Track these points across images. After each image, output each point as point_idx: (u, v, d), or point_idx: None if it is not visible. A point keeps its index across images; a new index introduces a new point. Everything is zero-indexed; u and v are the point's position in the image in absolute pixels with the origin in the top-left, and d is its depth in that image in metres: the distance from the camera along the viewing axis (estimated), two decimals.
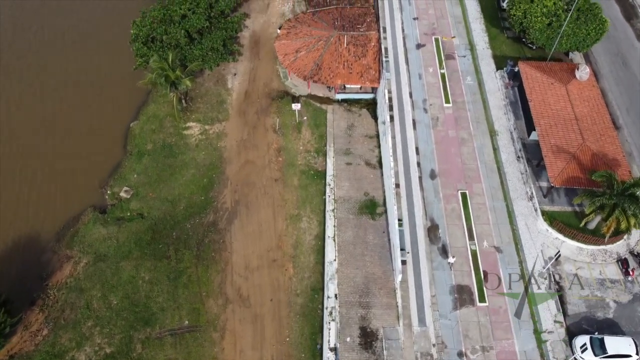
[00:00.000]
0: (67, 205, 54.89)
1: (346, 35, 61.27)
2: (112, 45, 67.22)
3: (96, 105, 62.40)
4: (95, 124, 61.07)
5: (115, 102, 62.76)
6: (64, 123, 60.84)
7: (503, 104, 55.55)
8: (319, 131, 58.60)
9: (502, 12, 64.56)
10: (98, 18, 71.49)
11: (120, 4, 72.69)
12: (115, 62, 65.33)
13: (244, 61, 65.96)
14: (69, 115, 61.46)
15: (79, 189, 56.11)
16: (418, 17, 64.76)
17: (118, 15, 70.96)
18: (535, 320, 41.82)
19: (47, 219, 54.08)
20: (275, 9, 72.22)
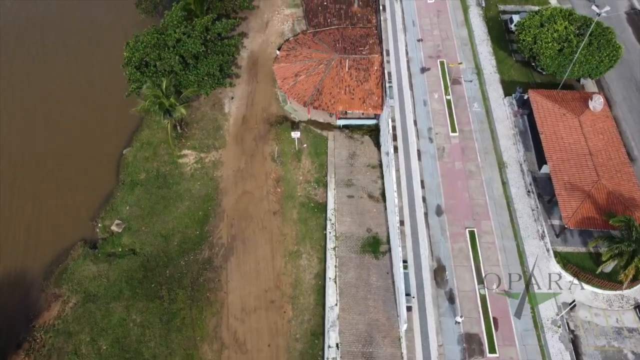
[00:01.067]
0: (57, 239, 52.52)
1: (348, 58, 58.84)
2: (104, 67, 64.83)
3: (88, 130, 60.01)
4: (87, 150, 58.68)
5: (108, 127, 60.38)
6: (54, 149, 58.46)
7: (512, 133, 53.10)
8: (320, 160, 56.16)
9: (509, 34, 62.10)
10: (90, 39, 69.09)
11: (115, 24, 70.33)
12: (109, 85, 62.94)
13: (242, 84, 63.54)
14: (59, 141, 59.08)
15: (69, 221, 53.74)
16: (422, 38, 62.30)
17: (111, 36, 68.63)
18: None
19: (36, 253, 51.73)
20: (275, 27, 69.79)
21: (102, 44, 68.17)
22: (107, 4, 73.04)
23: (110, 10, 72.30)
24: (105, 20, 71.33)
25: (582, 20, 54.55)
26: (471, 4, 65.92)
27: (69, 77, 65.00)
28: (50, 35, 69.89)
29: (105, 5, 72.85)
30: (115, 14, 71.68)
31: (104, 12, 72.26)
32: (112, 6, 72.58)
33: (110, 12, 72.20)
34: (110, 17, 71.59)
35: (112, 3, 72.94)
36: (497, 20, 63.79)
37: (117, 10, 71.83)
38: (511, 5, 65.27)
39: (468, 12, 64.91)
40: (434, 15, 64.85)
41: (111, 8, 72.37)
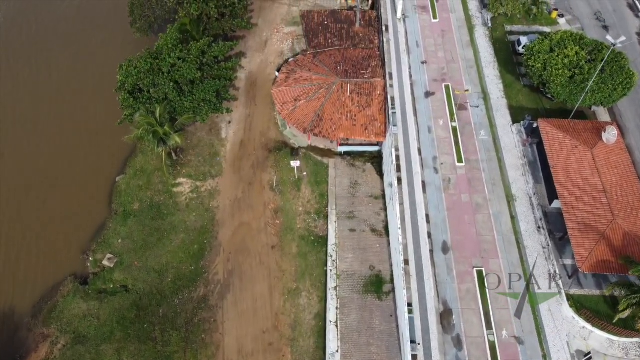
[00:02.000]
0: (46, 273, 50.56)
1: (349, 82, 56.73)
2: (97, 89, 62.71)
3: (80, 155, 57.97)
4: (79, 177, 56.66)
5: (101, 152, 58.29)
6: (44, 176, 56.39)
7: (521, 163, 50.90)
8: (320, 189, 54.04)
9: (517, 57, 59.87)
10: (82, 59, 66.97)
11: (108, 43, 68.17)
12: (101, 108, 60.88)
13: (240, 107, 61.39)
14: (50, 167, 57.04)
15: (59, 253, 51.74)
16: (427, 60, 60.05)
17: (104, 56, 66.48)
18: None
19: (24, 288, 49.78)
20: (274, 47, 67.61)
21: (94, 63, 66.01)
22: (100, 21, 70.91)
23: (104, 28, 70.15)
24: (98, 38, 69.18)
25: (593, 45, 52.33)
26: (477, 24, 63.70)
27: (60, 99, 62.84)
28: (40, 54, 67.71)
29: (99, 23, 70.71)
30: (109, 32, 69.51)
31: (97, 30, 70.12)
32: (106, 24, 70.44)
33: (104, 30, 70.05)
34: (104, 35, 69.45)
35: (106, 20, 70.83)
36: (504, 42, 61.54)
37: (111, 28, 69.66)
38: (518, 25, 63.05)
39: (474, 33, 62.70)
40: (438, 36, 62.64)
41: (105, 26, 70.24)
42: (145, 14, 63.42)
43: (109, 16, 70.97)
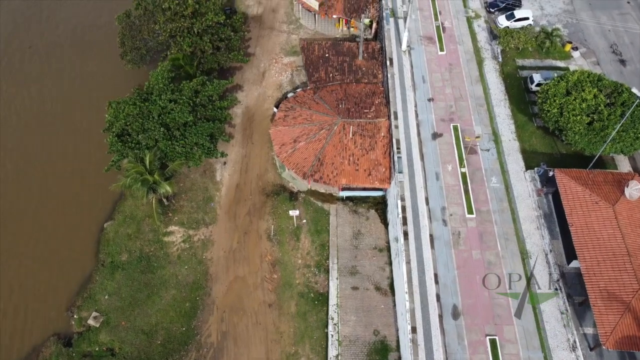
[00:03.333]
0: (27, 333, 47.24)
1: (352, 123, 53.45)
2: (85, 126, 59.56)
3: (66, 198, 54.73)
4: (65, 222, 53.42)
5: (89, 194, 55.02)
6: (27, 220, 53.09)
7: (535, 215, 47.57)
8: (321, 239, 50.75)
9: (529, 94, 56.54)
10: (70, 91, 63.73)
11: (98, 75, 64.92)
12: (90, 148, 57.59)
13: (236, 145, 58.09)
14: (34, 210, 53.77)
15: (41, 309, 48.54)
16: (434, 97, 56.71)
17: (94, 89, 63.35)
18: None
19: (0, 351, 46.34)
20: (272, 79, 64.32)
21: (83, 97, 62.77)
22: (90, 50, 67.61)
23: (94, 58, 66.85)
24: (87, 69, 65.91)
25: (612, 87, 49.02)
26: (486, 57, 60.35)
27: (46, 135, 59.56)
28: (26, 87, 64.39)
29: (89, 52, 67.41)
30: (99, 62, 66.22)
31: (86, 60, 66.86)
32: (95, 53, 67.15)
33: (94, 60, 66.77)
34: (94, 65, 66.15)
35: (96, 49, 67.51)
36: (516, 77, 58.19)
37: (101, 58, 66.37)
38: (530, 59, 59.72)
39: (483, 67, 59.35)
40: (445, 70, 59.29)
41: (95, 55, 66.94)
42: (136, 46, 60.12)
43: (100, 45, 67.64)
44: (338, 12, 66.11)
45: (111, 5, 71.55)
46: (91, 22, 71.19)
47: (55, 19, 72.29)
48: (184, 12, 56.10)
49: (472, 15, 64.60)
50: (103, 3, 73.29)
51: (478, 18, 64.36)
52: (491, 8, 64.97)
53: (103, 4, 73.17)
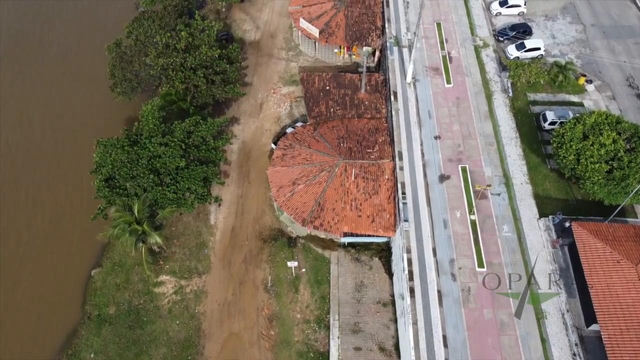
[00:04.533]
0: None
1: (354, 164, 50.40)
2: (72, 163, 56.58)
3: (52, 241, 51.74)
4: (49, 268, 50.52)
5: (75, 238, 52.01)
6: (9, 264, 50.04)
7: (551, 269, 44.49)
8: (321, 290, 47.71)
9: (542, 132, 53.44)
10: (57, 124, 60.72)
11: (88, 107, 61.89)
12: (77, 188, 54.60)
13: (231, 185, 55.04)
14: (17, 253, 50.73)
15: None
16: (440, 135, 53.60)
17: (83, 121, 60.38)
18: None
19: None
20: (270, 111, 61.28)
21: (71, 130, 59.80)
22: (82, 77, 64.55)
23: (85, 86, 63.77)
24: (77, 98, 62.85)
25: (632, 130, 45.93)
26: (495, 90, 57.23)
27: (30, 172, 56.53)
28: (13, 117, 61.34)
29: (80, 79, 64.34)
30: (90, 91, 63.07)
31: (77, 88, 63.81)
32: (87, 81, 64.04)
33: (85, 88, 63.69)
34: (85, 95, 63.07)
35: (88, 76, 64.39)
36: (527, 113, 55.08)
37: (93, 86, 63.12)
38: (542, 93, 56.60)
39: (492, 101, 56.24)
40: (453, 105, 56.18)
41: (86, 83, 63.85)
42: (127, 77, 57.07)
43: (93, 71, 64.24)
44: (339, 40, 63.09)
45: (106, 26, 68.50)
46: (85, 45, 68.10)
47: (49, 38, 69.35)
48: (177, 45, 53.04)
49: (480, 44, 61.52)
50: (98, 24, 70.24)
51: (486, 47, 61.27)
52: (500, 36, 61.89)
53: (98, 25, 70.12)
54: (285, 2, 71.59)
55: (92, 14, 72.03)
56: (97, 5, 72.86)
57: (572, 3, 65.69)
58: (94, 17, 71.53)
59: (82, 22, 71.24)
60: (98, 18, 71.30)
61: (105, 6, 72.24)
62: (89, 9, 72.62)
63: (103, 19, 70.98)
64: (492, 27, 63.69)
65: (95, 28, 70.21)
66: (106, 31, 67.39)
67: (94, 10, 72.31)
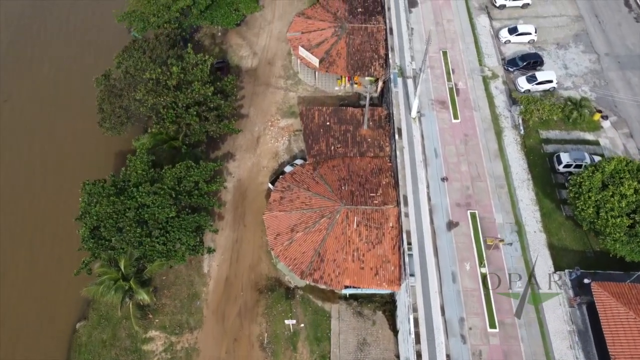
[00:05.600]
0: None
1: (356, 210, 47.32)
2: (57, 204, 53.48)
3: (34, 290, 48.65)
4: (32, 319, 47.42)
5: (60, 287, 48.83)
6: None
7: (568, 330, 41.36)
8: (321, 349, 44.65)
9: (556, 174, 50.32)
10: (46, 165, 57.65)
11: (75, 142, 58.94)
12: (62, 232, 51.46)
13: (226, 228, 52.00)
14: None
15: None
16: (448, 177, 50.46)
17: (70, 158, 57.52)
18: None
19: None
20: (267, 145, 58.17)
21: (57, 169, 56.84)
22: (70, 108, 61.50)
23: (73, 118, 60.69)
24: (63, 131, 59.81)
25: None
26: (505, 126, 54.07)
27: (12, 215, 53.44)
28: None
29: (68, 110, 61.29)
30: (78, 124, 59.95)
31: (65, 120, 60.79)
32: (75, 112, 60.96)
33: (73, 120, 60.62)
34: (72, 127, 60.02)
35: (77, 107, 61.28)
36: (540, 153, 51.96)
37: (81, 118, 59.94)
38: (555, 130, 53.46)
39: (502, 138, 53.10)
40: (460, 142, 53.04)
41: (74, 115, 60.79)
42: (116, 113, 53.97)
43: (82, 101, 60.89)
44: (340, 70, 60.00)
45: (100, 51, 65.37)
46: (75, 71, 65.03)
47: (42, 60, 66.39)
48: (168, 81, 49.92)
49: (488, 75, 58.39)
50: (91, 50, 67.14)
51: (495, 78, 58.14)
52: (510, 67, 58.74)
53: (91, 51, 67.05)
54: (283, 26, 68.57)
55: (84, 40, 68.85)
56: (89, 30, 69.64)
57: (585, 30, 62.55)
58: (86, 43, 68.39)
59: (73, 48, 68.12)
60: (90, 43, 68.15)
61: (98, 31, 68.92)
62: (81, 35, 69.45)
63: (96, 44, 67.82)
64: (501, 56, 60.55)
65: (87, 54, 67.15)
66: (98, 57, 64.38)
67: (85, 37, 69.12)
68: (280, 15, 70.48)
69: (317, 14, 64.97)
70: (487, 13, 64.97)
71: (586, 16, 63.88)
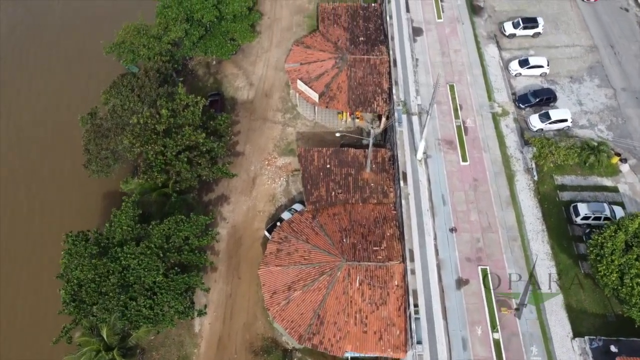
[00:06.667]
0: None
1: (359, 268, 43.97)
2: (43, 260, 50.19)
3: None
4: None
5: (42, 350, 45.49)
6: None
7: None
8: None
9: (572, 226, 46.96)
10: (27, 213, 54.37)
11: (60, 189, 55.54)
12: (42, 288, 48.14)
13: (219, 281, 48.69)
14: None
15: None
16: (456, 227, 47.08)
17: (52, 202, 54.10)
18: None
19: None
20: (264, 187, 54.80)
21: (40, 210, 53.54)
22: (51, 150, 58.18)
23: (60, 159, 57.40)
24: (46, 173, 56.52)
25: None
26: (517, 170, 50.71)
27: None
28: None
29: (49, 155, 57.96)
30: (62, 168, 56.64)
31: (50, 160, 57.54)
32: (58, 156, 57.65)
33: (56, 160, 57.37)
34: (57, 167, 56.76)
35: (58, 150, 57.99)
36: (555, 201, 48.56)
37: (64, 162, 56.71)
38: (571, 176, 50.03)
39: (514, 183, 49.76)
40: (470, 188, 49.68)
41: (57, 159, 57.49)
42: (102, 155, 50.64)
43: (70, 140, 57.57)
44: (341, 105, 56.62)
45: (91, 83, 62.03)
46: (62, 105, 61.64)
47: (27, 91, 63.18)
48: (157, 125, 46.54)
49: (498, 112, 55.03)
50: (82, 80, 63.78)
51: (506, 115, 54.79)
52: (521, 103, 55.35)
53: (82, 81, 63.70)
54: (282, 54, 65.17)
55: (72, 71, 65.30)
56: (79, 59, 66.11)
57: (600, 62, 59.15)
58: (75, 74, 64.87)
59: (60, 80, 64.69)
60: (80, 75, 64.63)
61: (89, 61, 65.27)
62: (69, 65, 65.94)
63: (87, 75, 64.25)
64: (511, 90, 57.16)
65: (76, 86, 63.73)
66: (88, 90, 61.06)
67: (74, 67, 65.58)
68: (278, 42, 67.08)
69: (317, 43, 61.59)
70: (495, 42, 61.56)
71: (601, 46, 60.48)
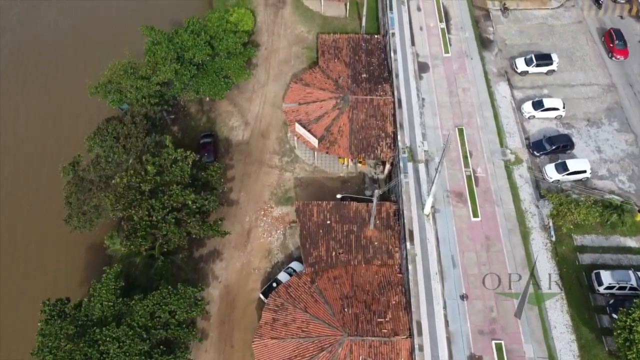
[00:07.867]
0: None
1: (362, 343, 40.23)
2: None
3: None
4: None
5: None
6: None
7: None
8: None
9: (595, 294, 43.20)
10: None
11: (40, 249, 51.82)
12: None
13: (210, 351, 45.01)
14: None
15: None
16: (467, 294, 43.20)
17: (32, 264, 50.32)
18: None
19: None
20: (259, 241, 51.09)
21: (20, 272, 49.82)
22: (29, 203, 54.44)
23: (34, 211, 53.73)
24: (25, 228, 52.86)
25: None
26: (533, 227, 46.95)
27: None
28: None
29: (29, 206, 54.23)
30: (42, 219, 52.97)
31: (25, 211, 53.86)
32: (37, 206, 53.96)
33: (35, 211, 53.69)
34: (37, 219, 53.08)
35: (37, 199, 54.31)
36: (574, 264, 44.79)
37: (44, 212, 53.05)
38: (591, 235, 46.28)
39: (529, 242, 46.00)
40: (481, 247, 45.93)
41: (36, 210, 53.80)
42: (84, 210, 46.92)
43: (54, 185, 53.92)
44: (342, 151, 52.94)
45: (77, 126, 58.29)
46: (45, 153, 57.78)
47: None
48: (141, 184, 42.76)
49: (511, 160, 51.24)
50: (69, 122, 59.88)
51: (519, 164, 51.00)
52: (536, 151, 51.62)
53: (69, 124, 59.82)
54: (279, 89, 61.54)
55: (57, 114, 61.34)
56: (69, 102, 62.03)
57: (619, 103, 55.39)
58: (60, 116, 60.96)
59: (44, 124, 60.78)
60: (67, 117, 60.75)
61: (76, 102, 61.17)
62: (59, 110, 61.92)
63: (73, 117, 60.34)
64: (524, 134, 53.38)
65: (61, 129, 59.91)
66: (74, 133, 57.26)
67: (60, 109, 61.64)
68: (275, 76, 63.26)
69: (317, 80, 57.81)
70: (507, 80, 57.77)
71: (619, 86, 56.70)
